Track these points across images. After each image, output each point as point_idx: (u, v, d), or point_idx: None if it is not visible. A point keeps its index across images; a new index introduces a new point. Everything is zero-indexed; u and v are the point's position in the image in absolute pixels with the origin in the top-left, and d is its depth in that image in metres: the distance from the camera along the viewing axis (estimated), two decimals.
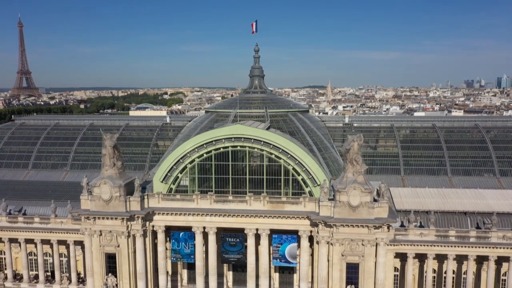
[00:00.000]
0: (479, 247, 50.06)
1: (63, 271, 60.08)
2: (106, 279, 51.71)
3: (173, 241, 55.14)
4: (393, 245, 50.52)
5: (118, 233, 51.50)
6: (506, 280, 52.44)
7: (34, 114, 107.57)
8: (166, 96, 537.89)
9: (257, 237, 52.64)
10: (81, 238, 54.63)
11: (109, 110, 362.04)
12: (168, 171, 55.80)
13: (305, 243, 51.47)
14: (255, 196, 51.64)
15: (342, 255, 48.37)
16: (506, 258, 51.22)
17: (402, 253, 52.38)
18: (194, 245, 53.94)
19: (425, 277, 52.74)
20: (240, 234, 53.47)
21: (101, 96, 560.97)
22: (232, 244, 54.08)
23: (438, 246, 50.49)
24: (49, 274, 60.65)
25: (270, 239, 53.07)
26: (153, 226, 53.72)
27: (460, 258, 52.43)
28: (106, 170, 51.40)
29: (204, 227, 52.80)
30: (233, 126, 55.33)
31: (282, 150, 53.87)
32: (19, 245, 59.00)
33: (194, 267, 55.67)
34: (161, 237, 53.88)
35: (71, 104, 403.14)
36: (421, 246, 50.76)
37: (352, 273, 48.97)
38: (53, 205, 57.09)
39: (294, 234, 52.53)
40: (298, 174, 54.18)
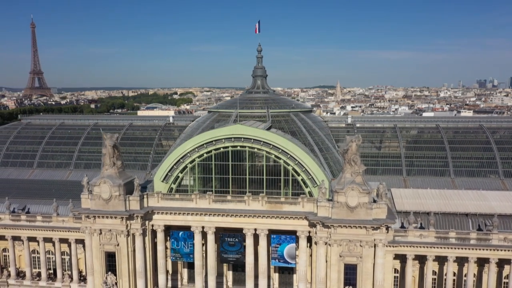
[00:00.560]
0: (480, 249, 49.44)
1: (65, 269, 60.78)
2: (106, 278, 52.20)
3: (172, 240, 55.44)
4: (392, 246, 50.11)
5: (118, 232, 51.92)
6: (508, 282, 51.76)
7: (40, 114, 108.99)
8: (175, 96, 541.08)
9: (256, 237, 52.66)
10: (82, 236, 55.18)
11: (119, 110, 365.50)
12: (168, 171, 56.07)
13: (303, 244, 51.37)
14: (254, 196, 51.68)
15: (340, 256, 48.16)
16: (508, 261, 50.56)
17: (402, 254, 51.97)
18: (193, 244, 54.16)
19: (425, 279, 52.26)
20: (239, 234, 53.55)
21: (111, 96, 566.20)
22: (231, 244, 54.19)
23: (437, 247, 49.97)
24: (51, 272, 61.35)
25: (268, 239, 53.08)
26: (152, 225, 54.07)
27: (461, 260, 51.84)
28: (106, 169, 51.86)
29: (203, 227, 52.98)
30: (232, 126, 55.42)
31: (282, 150, 53.79)
32: (22, 243, 59.78)
33: (194, 266, 55.84)
34: (160, 236, 54.19)
35: (82, 104, 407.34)
36: (420, 247, 50.29)
37: (350, 274, 48.72)
38: (55, 203, 57.78)
39: (293, 235, 52.45)
40: (298, 174, 54.06)
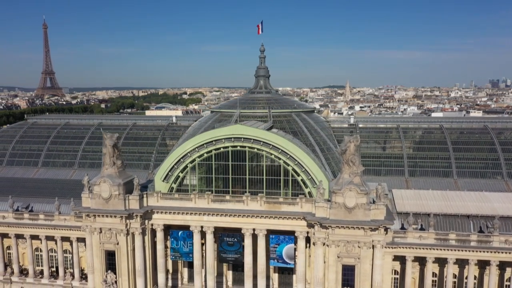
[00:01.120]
0: (480, 252, 48.82)
1: (68, 267, 61.45)
2: (106, 276, 52.70)
3: (172, 239, 55.73)
4: (391, 247, 49.76)
5: (118, 231, 52.36)
6: (510, 286, 51.13)
7: (46, 114, 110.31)
8: (185, 96, 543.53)
9: (254, 237, 52.68)
10: (83, 235, 55.74)
11: (128, 110, 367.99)
12: (169, 170, 56.31)
13: (301, 244, 51.28)
14: (252, 196, 51.72)
15: (338, 257, 47.97)
16: (510, 263, 49.94)
17: (401, 256, 51.57)
18: (193, 244, 54.36)
19: (425, 280, 51.77)
20: (237, 234, 53.62)
21: (122, 96, 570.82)
22: (230, 243, 54.30)
23: (437, 249, 49.48)
24: (54, 270, 62.06)
25: (267, 240, 53.08)
26: (152, 225, 54.41)
27: (461, 262, 51.30)
28: (106, 168, 52.34)
29: (201, 226, 53.17)
30: (232, 126, 55.50)
31: (282, 150, 53.69)
32: (26, 241, 60.58)
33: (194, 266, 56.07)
34: (160, 235, 54.51)
35: (92, 104, 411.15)
36: (420, 249, 49.85)
37: (348, 275, 48.53)
38: (56, 202, 58.45)
39: (292, 235, 52.36)
40: (298, 175, 53.90)
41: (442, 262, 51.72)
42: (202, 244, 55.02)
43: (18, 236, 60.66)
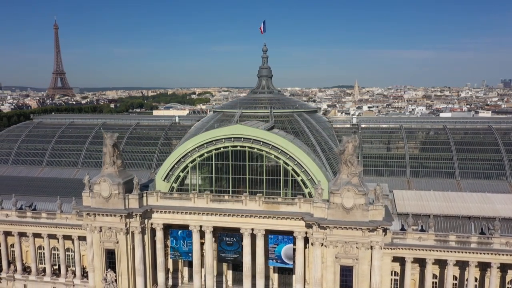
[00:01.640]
0: (481, 253, 48.24)
1: (70, 265, 62.07)
2: (106, 274, 53.09)
3: (172, 239, 55.98)
4: (390, 248, 49.45)
5: (117, 229, 52.74)
6: None
7: (52, 113, 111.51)
8: (194, 96, 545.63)
9: (253, 237, 52.71)
10: (84, 233, 56.06)
11: (137, 110, 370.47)
12: (169, 170, 56.57)
13: (300, 244, 51.16)
14: (251, 196, 51.74)
15: (336, 258, 47.77)
16: (511, 266, 49.21)
17: (401, 257, 51.19)
18: (192, 243, 54.53)
19: (425, 282, 51.30)
20: (236, 233, 53.67)
21: (131, 95, 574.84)
22: (229, 243, 54.39)
23: (436, 251, 49.02)
24: (56, 268, 62.73)
25: (266, 240, 53.04)
26: (151, 224, 54.71)
27: (462, 264, 50.77)
28: (106, 168, 52.75)
29: (200, 226, 53.33)
30: (232, 126, 55.58)
31: (281, 150, 53.60)
32: (29, 239, 61.31)
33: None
34: (159, 234, 54.78)
35: (102, 103, 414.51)
36: (419, 250, 49.43)
37: (346, 276, 48.30)
38: (58, 201, 59.05)
39: (290, 235, 52.25)
40: (298, 175, 53.76)
41: (442, 264, 51.23)
42: (202, 243, 55.16)
43: (21, 234, 61.43)
